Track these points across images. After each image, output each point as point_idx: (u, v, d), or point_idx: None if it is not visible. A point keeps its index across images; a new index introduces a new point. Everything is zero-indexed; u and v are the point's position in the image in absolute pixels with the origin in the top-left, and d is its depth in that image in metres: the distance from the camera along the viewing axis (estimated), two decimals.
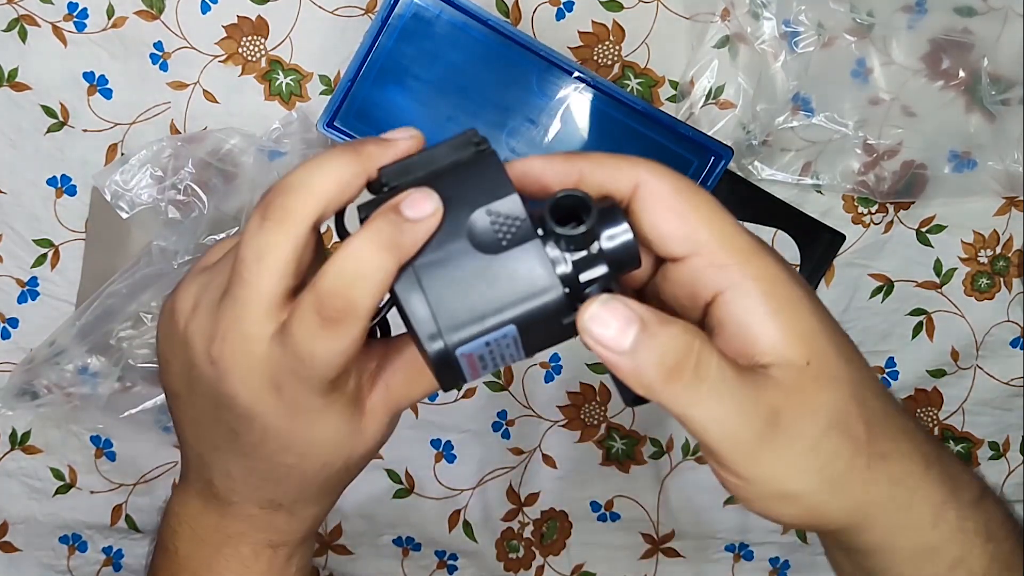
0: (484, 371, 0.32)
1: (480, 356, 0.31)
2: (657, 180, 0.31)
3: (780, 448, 0.30)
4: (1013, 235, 0.67)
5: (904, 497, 0.32)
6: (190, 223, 0.63)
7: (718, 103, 0.65)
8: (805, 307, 0.31)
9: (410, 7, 0.59)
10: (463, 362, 0.30)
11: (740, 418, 0.29)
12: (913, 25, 0.63)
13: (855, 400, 0.31)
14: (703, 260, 0.30)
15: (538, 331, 0.31)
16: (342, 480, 0.38)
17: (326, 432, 0.35)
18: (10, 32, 0.65)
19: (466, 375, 0.31)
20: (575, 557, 0.69)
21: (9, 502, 0.67)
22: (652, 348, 0.28)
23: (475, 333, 0.30)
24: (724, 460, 0.30)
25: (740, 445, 0.30)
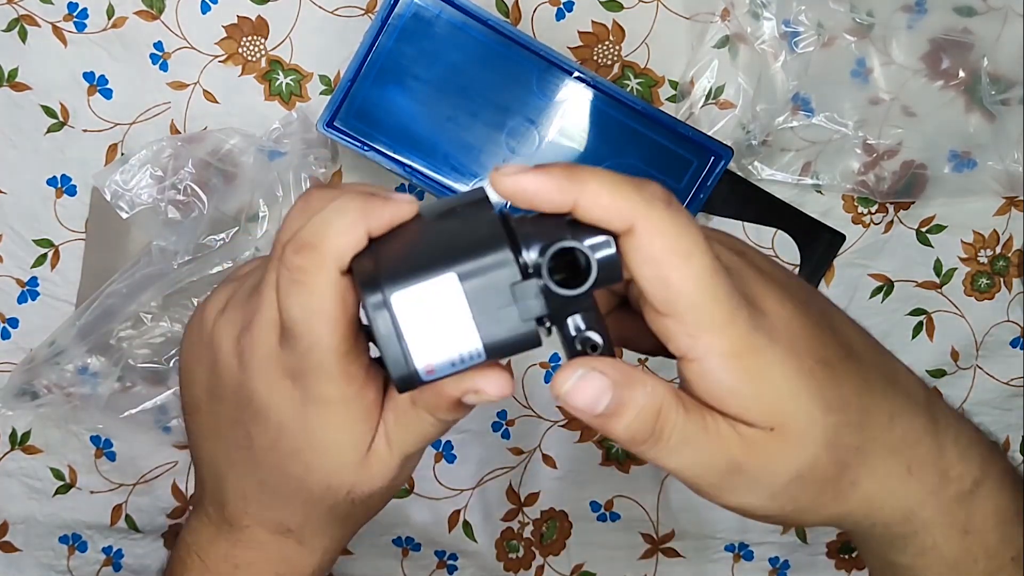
0: (433, 354, 0.30)
1: (421, 317, 0.29)
2: (650, 235, 0.30)
3: (743, 492, 0.34)
4: (1013, 235, 0.67)
5: (876, 506, 0.35)
6: (190, 223, 0.63)
7: (718, 103, 0.65)
8: (776, 373, 0.32)
9: (410, 7, 0.59)
10: (401, 320, 0.29)
11: (703, 467, 0.33)
12: (913, 25, 0.63)
13: (827, 447, 0.32)
14: (674, 324, 0.31)
15: (489, 304, 0.29)
16: (348, 514, 0.38)
17: (333, 434, 0.35)
18: (10, 32, 0.65)
19: (407, 346, 0.29)
20: (575, 557, 0.69)
21: (9, 502, 0.67)
22: (622, 418, 0.31)
23: (411, 278, 0.29)
24: (697, 491, 0.35)
25: (706, 486, 0.34)
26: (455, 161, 0.60)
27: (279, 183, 0.63)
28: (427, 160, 0.60)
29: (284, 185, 0.63)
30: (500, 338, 0.30)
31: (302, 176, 0.64)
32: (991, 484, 0.36)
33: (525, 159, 0.60)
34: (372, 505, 0.39)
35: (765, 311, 0.32)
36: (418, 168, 0.60)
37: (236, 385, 0.36)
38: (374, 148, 0.59)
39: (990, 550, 0.36)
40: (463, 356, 0.30)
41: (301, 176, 0.64)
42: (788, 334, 0.32)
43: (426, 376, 0.30)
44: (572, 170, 0.30)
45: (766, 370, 0.31)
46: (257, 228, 0.64)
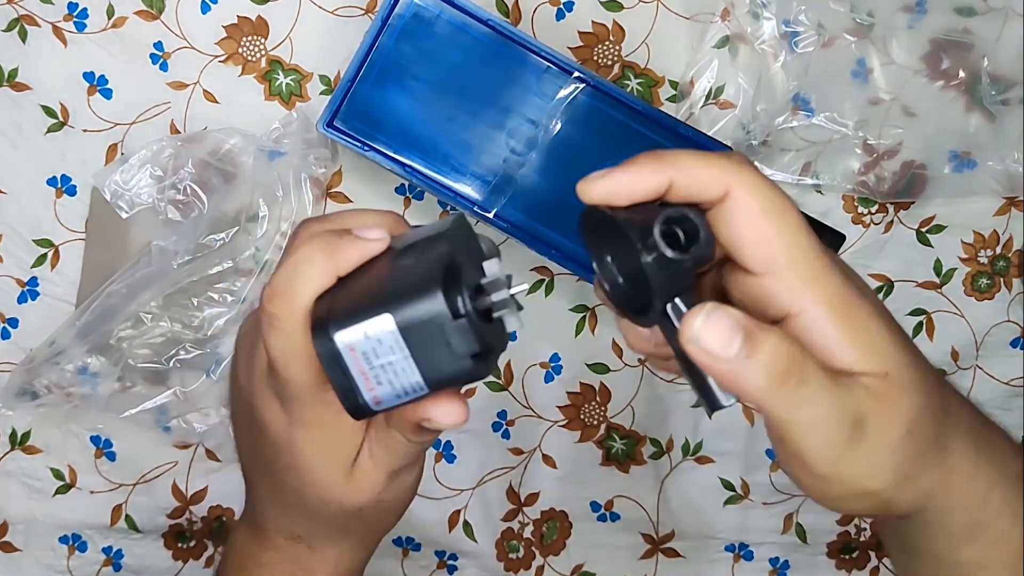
0: (379, 387, 0.32)
1: (364, 353, 0.31)
2: (747, 197, 0.31)
3: (865, 451, 0.32)
4: (1013, 235, 0.67)
5: (958, 482, 0.34)
6: (190, 223, 0.63)
7: (718, 103, 0.65)
8: (876, 323, 0.32)
9: (410, 7, 0.59)
10: (347, 356, 0.31)
11: (833, 422, 0.31)
12: (913, 25, 0.63)
13: (927, 401, 0.33)
14: (776, 282, 0.31)
15: (425, 341, 0.31)
16: (348, 525, 0.41)
17: (317, 452, 0.38)
18: (10, 32, 0.65)
19: (356, 380, 0.32)
20: (575, 557, 0.69)
21: (9, 502, 0.67)
22: (759, 355, 0.30)
23: (354, 320, 0.31)
24: (812, 462, 0.32)
25: (831, 448, 0.31)
26: (455, 161, 0.60)
27: (279, 183, 0.63)
28: (427, 160, 0.60)
29: (284, 185, 0.63)
30: (438, 373, 0.31)
31: (302, 176, 0.64)
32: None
33: (525, 159, 0.60)
34: (371, 517, 0.41)
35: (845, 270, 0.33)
36: (418, 168, 0.60)
37: (247, 401, 0.39)
38: (374, 148, 0.59)
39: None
40: (406, 389, 0.32)
41: (301, 176, 0.64)
42: (869, 293, 0.33)
43: (375, 406, 0.32)
44: (660, 154, 0.32)
45: (868, 320, 0.32)
46: (257, 228, 0.64)
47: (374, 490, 0.39)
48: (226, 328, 0.64)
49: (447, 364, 0.31)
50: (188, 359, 0.64)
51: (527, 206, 0.60)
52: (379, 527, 0.43)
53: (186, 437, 0.66)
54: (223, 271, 0.63)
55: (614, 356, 0.68)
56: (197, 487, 0.68)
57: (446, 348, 0.31)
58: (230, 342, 0.64)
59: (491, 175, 0.60)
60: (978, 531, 0.36)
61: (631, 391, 0.68)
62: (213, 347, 0.64)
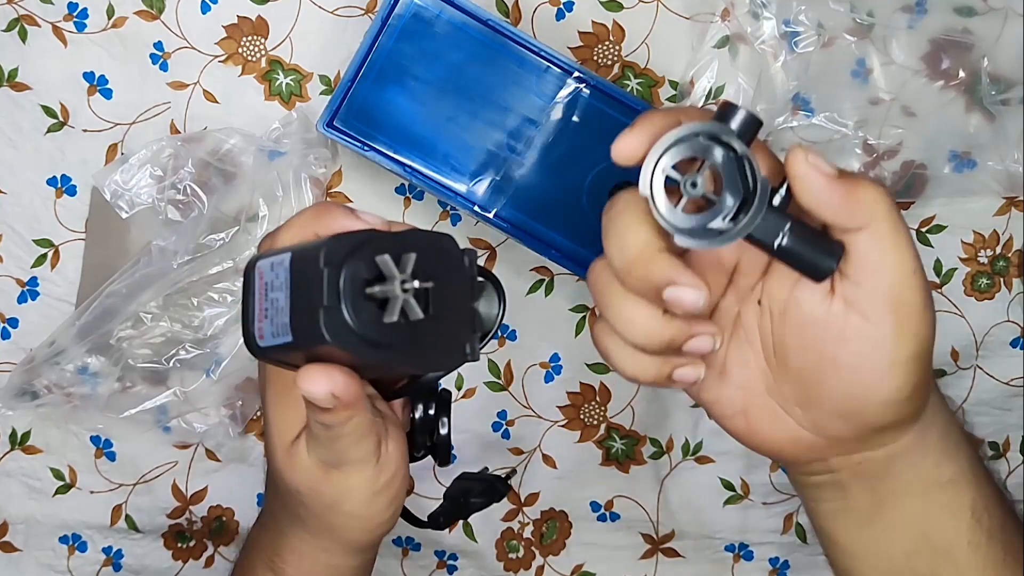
0: (265, 320, 0.34)
1: (266, 284, 0.34)
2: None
3: (905, 329, 0.36)
4: (1013, 235, 0.67)
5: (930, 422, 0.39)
6: (190, 223, 0.63)
7: (718, 103, 0.65)
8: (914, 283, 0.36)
9: (410, 7, 0.59)
10: (257, 283, 0.34)
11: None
12: (913, 25, 0.63)
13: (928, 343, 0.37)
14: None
15: (303, 287, 0.33)
16: (298, 513, 0.43)
17: (271, 414, 0.41)
18: (10, 32, 0.65)
19: (255, 308, 0.34)
20: (575, 557, 0.69)
21: (9, 502, 0.67)
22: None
23: (273, 254, 0.34)
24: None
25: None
26: (455, 161, 0.60)
27: (279, 183, 0.63)
28: (427, 160, 0.60)
29: (284, 185, 0.63)
30: (298, 317, 0.33)
31: (302, 176, 0.64)
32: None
33: (525, 159, 0.60)
34: (316, 509, 0.42)
35: None
36: (418, 168, 0.60)
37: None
38: (374, 148, 0.59)
39: None
40: (279, 329, 0.33)
41: (301, 176, 0.64)
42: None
43: (260, 340, 0.34)
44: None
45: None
46: (257, 228, 0.64)
47: (307, 473, 0.40)
48: (226, 328, 0.64)
49: (307, 315, 0.32)
50: (188, 359, 0.64)
51: (527, 206, 0.60)
52: (334, 531, 0.42)
53: (186, 437, 0.66)
54: (223, 271, 0.63)
55: None
56: (197, 487, 0.68)
57: (309, 297, 0.32)
58: (230, 342, 0.64)
59: (491, 175, 0.60)
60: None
61: (631, 391, 0.68)
62: (213, 347, 0.64)
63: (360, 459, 0.39)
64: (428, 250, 0.35)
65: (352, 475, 0.40)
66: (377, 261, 0.33)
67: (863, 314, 0.34)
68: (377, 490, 0.41)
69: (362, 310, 0.32)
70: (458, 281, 0.36)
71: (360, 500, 0.41)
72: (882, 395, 0.36)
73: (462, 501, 0.52)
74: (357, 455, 0.39)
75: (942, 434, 0.39)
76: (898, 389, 0.35)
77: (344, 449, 0.39)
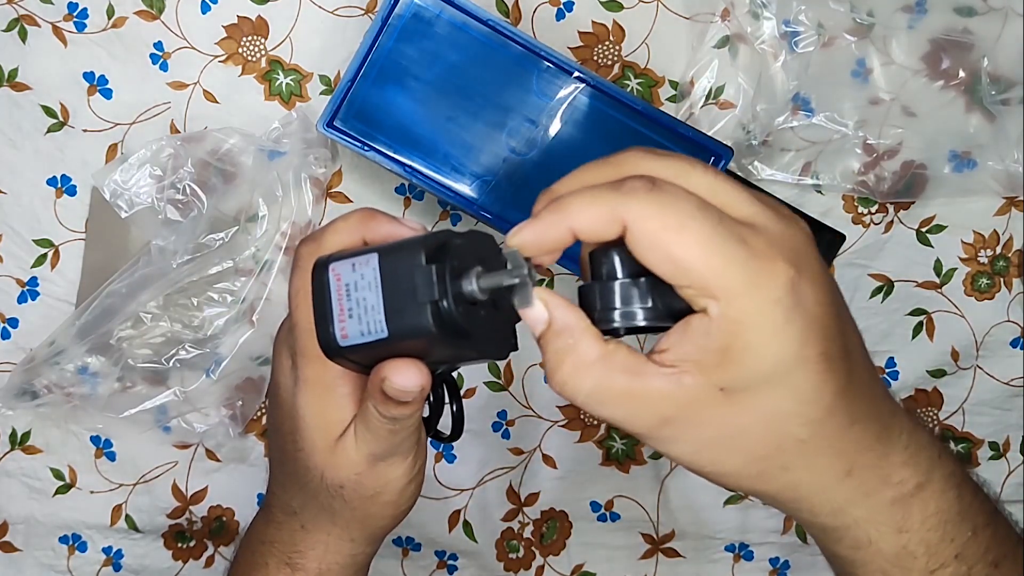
0: (349, 321, 0.35)
1: (347, 285, 0.35)
2: (640, 223, 0.32)
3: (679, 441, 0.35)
4: (1013, 235, 0.67)
5: (803, 495, 0.36)
6: (189, 223, 0.63)
7: (718, 103, 0.65)
8: (773, 347, 0.32)
9: (410, 7, 0.59)
10: (333, 285, 0.35)
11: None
12: (913, 25, 0.63)
13: (768, 426, 0.34)
14: (694, 291, 0.32)
15: (396, 286, 0.34)
16: (332, 507, 0.43)
17: (310, 414, 0.40)
18: (10, 32, 0.65)
19: (333, 309, 0.35)
20: (575, 557, 0.69)
21: (9, 502, 0.67)
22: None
23: (349, 256, 0.35)
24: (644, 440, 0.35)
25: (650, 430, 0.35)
26: (455, 161, 0.60)
27: (279, 183, 0.63)
28: (427, 160, 0.60)
29: (284, 185, 0.63)
30: (398, 316, 0.34)
31: (302, 176, 0.64)
32: (935, 487, 0.37)
33: (525, 159, 0.60)
34: (355, 503, 0.42)
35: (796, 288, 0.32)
36: (418, 168, 0.60)
37: (272, 373, 0.43)
38: (374, 148, 0.59)
39: (931, 547, 0.37)
40: (370, 328, 0.34)
41: (301, 176, 0.64)
42: (809, 316, 0.32)
43: (342, 341, 0.35)
44: (556, 203, 0.34)
45: (764, 347, 0.32)
46: (256, 228, 0.64)
47: (353, 469, 0.41)
48: (226, 328, 0.64)
49: (407, 310, 0.34)
50: (188, 359, 0.64)
51: (527, 206, 0.60)
52: (367, 521, 0.44)
53: (186, 437, 0.66)
54: (223, 271, 0.63)
55: None
56: (197, 487, 0.68)
57: (411, 295, 0.33)
58: (230, 342, 0.64)
59: (491, 175, 0.60)
60: (834, 533, 0.37)
61: None
62: (213, 347, 0.64)
63: (408, 449, 0.41)
64: (485, 247, 0.37)
65: (396, 465, 0.42)
66: (505, 253, 0.35)
67: None
68: (411, 478, 0.43)
69: (460, 302, 0.34)
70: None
71: (397, 489, 0.43)
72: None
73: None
74: (407, 446, 0.41)
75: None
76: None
77: (401, 441, 0.40)
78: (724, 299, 0.31)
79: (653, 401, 0.33)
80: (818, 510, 0.36)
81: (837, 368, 0.33)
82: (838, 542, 0.37)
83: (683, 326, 0.33)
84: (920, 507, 0.36)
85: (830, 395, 0.33)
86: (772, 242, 0.32)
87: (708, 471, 0.35)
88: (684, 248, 0.31)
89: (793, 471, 0.35)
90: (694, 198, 0.32)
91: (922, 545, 0.37)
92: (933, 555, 0.37)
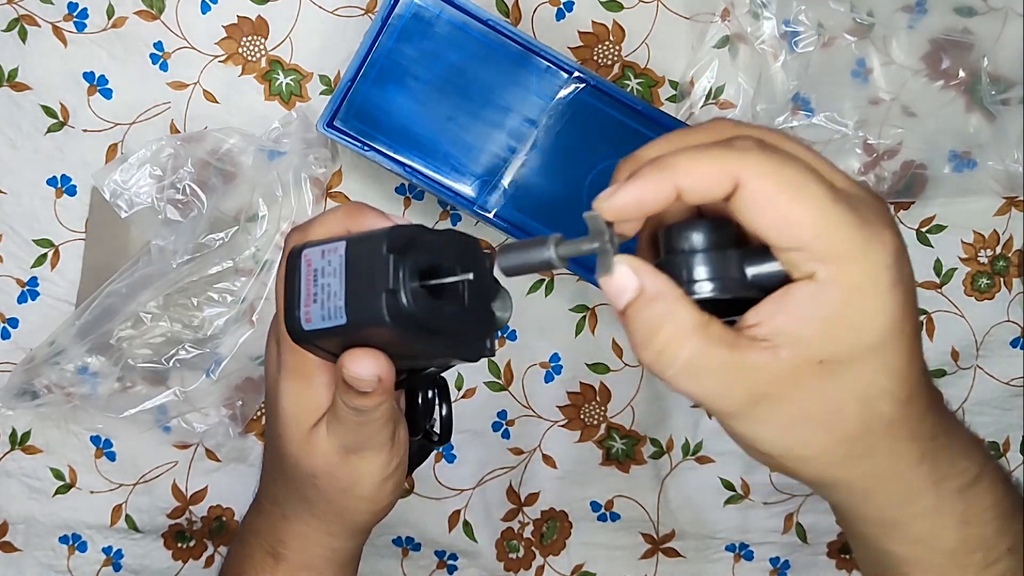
0: (313, 305, 0.35)
1: (315, 271, 0.35)
2: (756, 181, 0.30)
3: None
4: (1013, 235, 0.67)
5: (879, 482, 0.34)
6: (189, 223, 0.63)
7: (718, 103, 0.65)
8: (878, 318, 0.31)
9: (410, 7, 0.59)
10: (303, 271, 0.36)
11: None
12: (913, 25, 0.63)
13: (864, 401, 0.32)
14: (804, 255, 0.30)
15: (359, 273, 0.34)
16: (310, 498, 0.43)
17: (288, 402, 0.41)
18: (10, 32, 0.65)
19: (300, 294, 0.36)
20: (575, 557, 0.69)
21: (9, 502, 0.67)
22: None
23: (321, 244, 0.36)
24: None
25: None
26: (455, 161, 0.60)
27: (278, 183, 0.63)
28: (427, 160, 0.60)
29: (283, 185, 0.63)
30: (356, 301, 0.35)
31: (302, 176, 0.64)
32: (989, 480, 0.36)
33: (525, 159, 0.60)
34: (330, 494, 0.43)
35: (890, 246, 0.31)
36: (418, 168, 0.60)
37: (265, 361, 0.44)
38: (374, 148, 0.59)
39: (987, 541, 0.36)
40: (331, 312, 0.35)
41: (301, 176, 0.64)
42: (908, 288, 0.31)
43: (305, 324, 0.36)
44: (659, 161, 0.31)
45: (861, 313, 0.31)
46: (257, 228, 0.64)
47: (325, 459, 0.41)
48: (226, 328, 0.64)
49: (364, 297, 0.34)
50: (188, 359, 0.64)
51: (527, 206, 0.60)
52: (345, 515, 0.44)
53: (186, 437, 0.66)
54: (223, 271, 0.63)
55: (614, 356, 0.68)
56: (197, 487, 0.68)
57: (370, 283, 0.34)
58: (230, 342, 0.64)
59: (491, 175, 0.60)
60: (895, 528, 0.36)
61: (631, 391, 0.68)
62: (213, 347, 0.64)
63: (380, 444, 0.41)
64: (464, 248, 0.37)
65: (368, 460, 0.42)
66: (585, 218, 0.33)
67: None
68: (388, 475, 0.43)
69: (419, 296, 0.34)
70: (483, 280, 0.38)
71: (372, 484, 0.42)
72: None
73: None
74: (378, 440, 0.41)
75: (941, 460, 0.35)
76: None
77: (370, 434, 0.40)
78: (837, 263, 0.30)
79: (749, 375, 0.31)
80: (888, 501, 0.35)
81: (920, 347, 0.33)
82: (896, 538, 0.36)
83: (781, 296, 0.31)
84: (978, 499, 0.36)
85: (916, 374, 0.33)
86: (876, 211, 0.31)
87: (794, 454, 0.33)
88: (801, 209, 0.30)
89: (875, 456, 0.33)
90: (804, 162, 0.31)
91: (980, 539, 0.36)
92: (989, 549, 0.36)
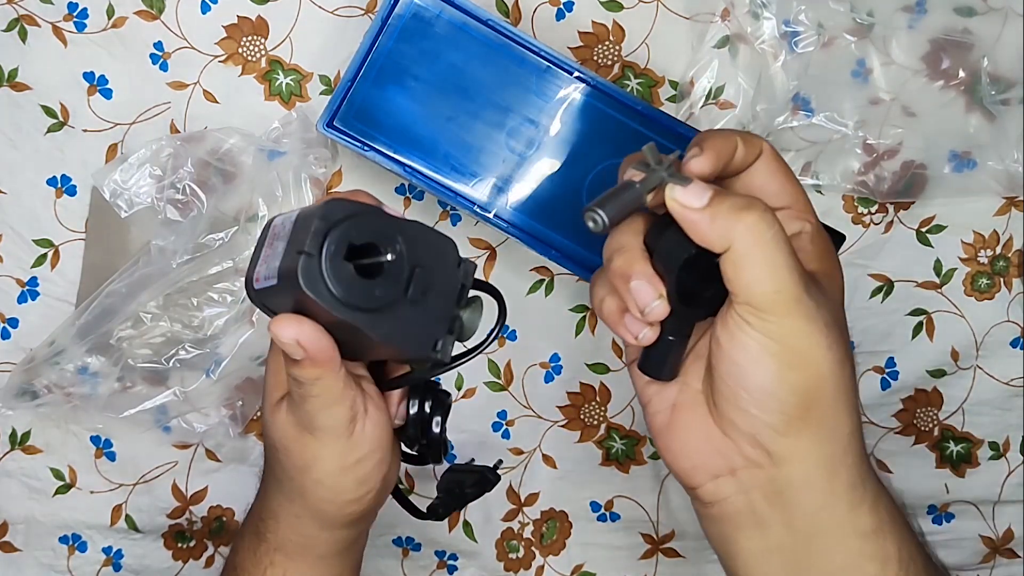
0: (263, 265, 0.37)
1: (274, 235, 0.38)
2: (771, 149, 0.41)
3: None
4: (1013, 235, 0.67)
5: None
6: (189, 223, 0.63)
7: (718, 103, 0.65)
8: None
9: (410, 7, 0.59)
10: (269, 237, 0.38)
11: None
12: (913, 25, 0.63)
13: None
14: (791, 213, 0.41)
15: (298, 238, 0.36)
16: (275, 471, 0.45)
17: (269, 376, 0.44)
18: (10, 32, 0.65)
19: (260, 255, 0.38)
20: (575, 557, 0.69)
21: (9, 502, 0.67)
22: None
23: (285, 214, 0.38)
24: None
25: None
26: (455, 161, 0.60)
27: (278, 183, 0.63)
28: (427, 160, 0.60)
29: (283, 185, 0.63)
30: (285, 260, 0.36)
31: (302, 176, 0.64)
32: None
33: (525, 159, 0.60)
34: (290, 471, 0.43)
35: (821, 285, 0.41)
36: (418, 168, 0.60)
37: None
38: (374, 148, 0.59)
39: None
40: (270, 272, 0.37)
41: (301, 176, 0.64)
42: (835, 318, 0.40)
43: (255, 283, 0.37)
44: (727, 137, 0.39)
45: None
46: (256, 228, 0.64)
47: (283, 431, 0.42)
48: (226, 328, 0.64)
49: (290, 258, 0.36)
50: (188, 359, 0.64)
51: (527, 206, 0.60)
52: (307, 497, 0.44)
53: (186, 437, 0.66)
54: (223, 271, 0.63)
55: (614, 356, 0.68)
56: (197, 487, 0.68)
57: (299, 245, 0.35)
58: (230, 342, 0.64)
59: (491, 175, 0.60)
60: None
61: (631, 391, 0.68)
62: (213, 347, 0.64)
63: (330, 428, 0.41)
64: (426, 243, 0.38)
65: (324, 443, 0.42)
66: (644, 151, 0.36)
67: (742, 344, 0.36)
68: (346, 466, 0.42)
69: (342, 268, 0.35)
70: (447, 282, 0.38)
71: (328, 471, 0.42)
72: (763, 421, 0.37)
73: (457, 492, 0.53)
74: (326, 422, 0.41)
75: (853, 482, 0.38)
76: (771, 425, 0.37)
77: (313, 412, 0.40)
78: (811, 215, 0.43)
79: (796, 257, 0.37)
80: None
81: (851, 374, 0.41)
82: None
83: None
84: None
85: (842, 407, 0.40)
86: None
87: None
88: (793, 178, 0.43)
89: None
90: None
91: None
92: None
